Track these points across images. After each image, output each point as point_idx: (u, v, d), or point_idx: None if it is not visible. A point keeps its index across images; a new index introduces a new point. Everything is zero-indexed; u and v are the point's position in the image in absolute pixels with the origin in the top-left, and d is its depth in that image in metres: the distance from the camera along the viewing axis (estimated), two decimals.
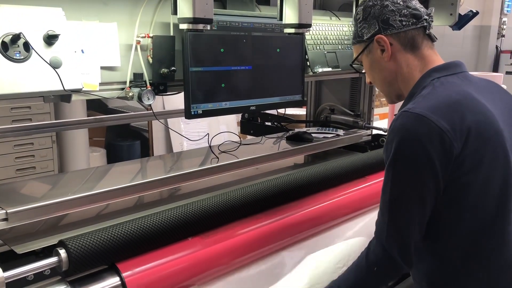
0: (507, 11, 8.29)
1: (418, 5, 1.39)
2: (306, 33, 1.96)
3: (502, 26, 8.26)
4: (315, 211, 1.83)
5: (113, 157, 4.64)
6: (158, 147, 4.65)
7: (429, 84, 1.32)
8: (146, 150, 4.76)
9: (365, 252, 1.36)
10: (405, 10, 1.36)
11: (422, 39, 1.38)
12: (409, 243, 1.27)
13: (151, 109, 1.83)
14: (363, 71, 1.56)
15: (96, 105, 4.61)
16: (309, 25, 1.81)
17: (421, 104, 1.25)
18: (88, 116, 3.93)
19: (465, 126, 1.21)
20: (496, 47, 8.34)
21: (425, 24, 1.37)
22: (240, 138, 2.29)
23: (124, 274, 1.31)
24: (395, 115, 1.38)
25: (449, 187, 1.24)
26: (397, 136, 1.24)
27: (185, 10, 1.49)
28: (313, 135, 2.40)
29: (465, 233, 1.27)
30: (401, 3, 1.37)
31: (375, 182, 2.14)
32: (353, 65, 1.59)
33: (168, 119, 4.24)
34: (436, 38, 1.41)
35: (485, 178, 1.23)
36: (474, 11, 2.46)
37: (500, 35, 8.28)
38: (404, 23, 1.36)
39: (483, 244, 1.28)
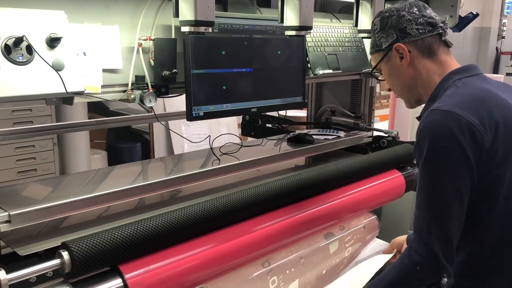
0: (507, 12, 8.30)
1: (433, 14, 1.45)
2: (306, 35, 1.96)
3: (502, 27, 8.28)
4: (318, 212, 1.84)
5: (114, 159, 4.65)
6: (159, 149, 4.65)
7: (451, 85, 1.37)
8: (147, 152, 4.76)
9: (407, 252, 1.34)
10: (421, 19, 1.42)
11: (439, 45, 1.44)
12: (450, 238, 1.27)
13: (153, 111, 1.83)
14: (382, 79, 1.60)
15: (97, 108, 4.62)
16: (310, 27, 1.82)
17: (448, 102, 1.29)
18: (89, 119, 3.94)
19: (493, 120, 1.25)
20: (496, 48, 8.35)
21: (441, 31, 1.43)
22: (241, 140, 2.30)
23: (126, 276, 1.31)
24: (417, 117, 1.40)
25: (481, 181, 1.26)
26: (429, 133, 1.27)
27: (186, 12, 1.50)
28: (314, 136, 2.40)
29: (498, 226, 1.29)
30: (416, 12, 1.42)
31: (378, 183, 2.14)
32: (372, 73, 1.64)
33: (169, 121, 4.24)
34: (452, 44, 1.46)
35: None
36: (474, 13, 2.47)
37: (500, 36, 8.31)
38: (420, 31, 1.42)
39: None
